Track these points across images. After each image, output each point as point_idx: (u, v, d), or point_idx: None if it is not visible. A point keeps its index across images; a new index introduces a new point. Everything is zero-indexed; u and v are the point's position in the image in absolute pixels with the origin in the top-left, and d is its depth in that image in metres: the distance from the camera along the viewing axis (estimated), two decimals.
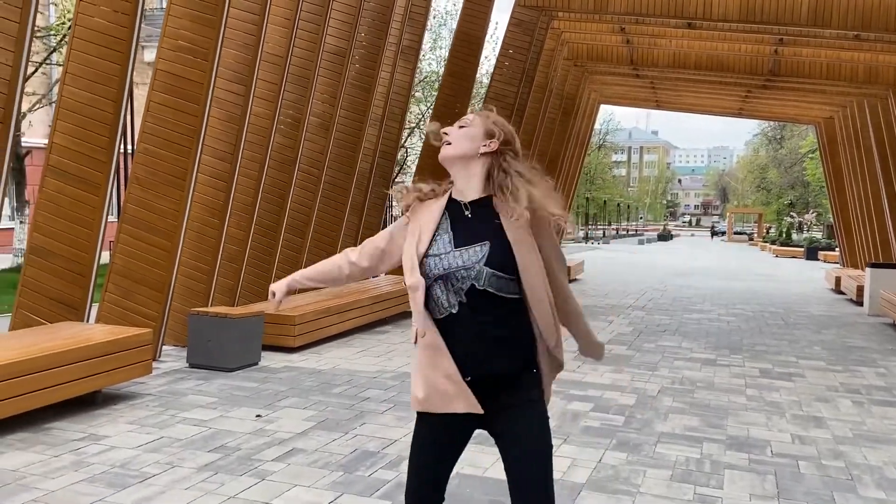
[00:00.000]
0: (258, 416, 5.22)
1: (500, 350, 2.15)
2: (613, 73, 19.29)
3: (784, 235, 39.91)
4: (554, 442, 4.72)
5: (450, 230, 2.18)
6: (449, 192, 2.25)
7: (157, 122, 6.76)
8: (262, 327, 7.07)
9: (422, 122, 27.13)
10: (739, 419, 5.59)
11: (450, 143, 2.20)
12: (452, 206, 2.22)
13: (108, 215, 6.42)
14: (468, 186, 2.21)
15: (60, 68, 16.72)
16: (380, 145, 11.44)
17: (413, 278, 2.15)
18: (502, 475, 4.13)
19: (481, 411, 2.16)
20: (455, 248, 2.15)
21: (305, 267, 2.58)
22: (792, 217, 45.21)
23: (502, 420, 2.20)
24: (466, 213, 2.19)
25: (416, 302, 2.15)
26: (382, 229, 2.42)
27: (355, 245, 2.62)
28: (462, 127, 2.22)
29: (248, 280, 8.61)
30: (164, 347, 7.07)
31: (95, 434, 4.68)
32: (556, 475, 4.17)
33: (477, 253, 2.14)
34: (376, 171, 11.55)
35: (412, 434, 2.31)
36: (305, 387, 6.12)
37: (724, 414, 5.73)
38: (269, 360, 7.07)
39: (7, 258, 16.20)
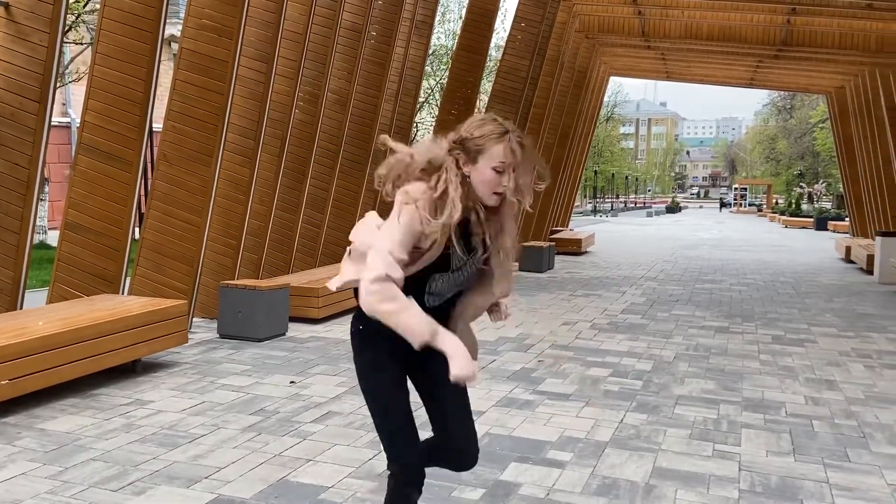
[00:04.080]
0: (292, 382, 5.46)
1: None
2: (624, 45, 19.25)
3: (793, 206, 39.86)
4: (575, 405, 4.97)
5: None
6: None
7: (184, 101, 6.92)
8: (288, 299, 7.29)
9: (430, 98, 27.08)
10: (754, 382, 5.79)
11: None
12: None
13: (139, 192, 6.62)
14: None
15: (74, 46, 16.83)
16: (395, 120, 11.57)
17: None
18: (529, 434, 4.35)
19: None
20: None
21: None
22: (801, 188, 45.08)
23: (433, 361, 2.51)
24: None
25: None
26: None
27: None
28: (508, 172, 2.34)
29: (270, 255, 8.83)
30: (194, 319, 7.31)
31: (141, 399, 4.93)
32: (580, 435, 4.42)
33: None
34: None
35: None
36: (333, 355, 6.35)
37: (739, 378, 5.93)
38: (296, 330, 7.31)
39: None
